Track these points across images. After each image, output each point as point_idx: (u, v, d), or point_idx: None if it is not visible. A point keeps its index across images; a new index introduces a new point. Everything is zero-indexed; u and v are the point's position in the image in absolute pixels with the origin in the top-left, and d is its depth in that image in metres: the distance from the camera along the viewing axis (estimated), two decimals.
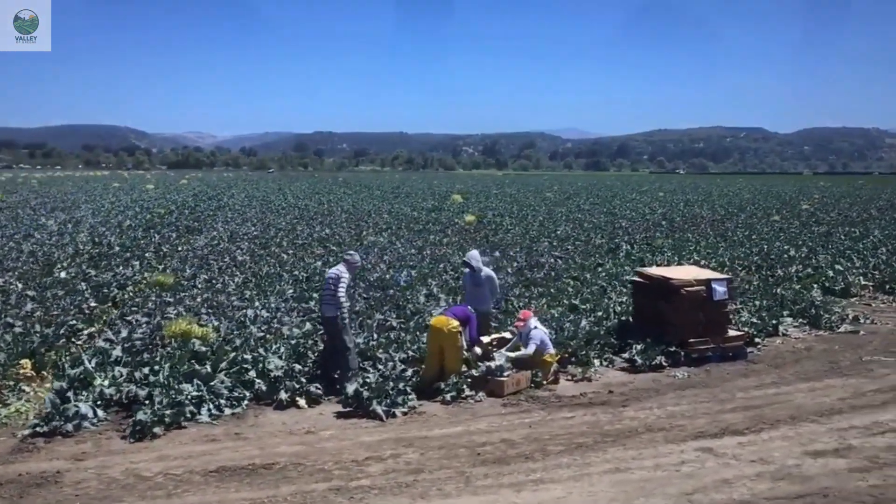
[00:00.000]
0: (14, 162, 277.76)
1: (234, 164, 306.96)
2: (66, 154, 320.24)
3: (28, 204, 43.35)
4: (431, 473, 7.05)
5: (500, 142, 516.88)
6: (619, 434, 8.31)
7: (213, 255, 20.48)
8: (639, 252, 22.57)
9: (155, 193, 59.73)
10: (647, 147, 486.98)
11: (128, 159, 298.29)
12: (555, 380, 10.48)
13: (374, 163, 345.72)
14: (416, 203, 48.34)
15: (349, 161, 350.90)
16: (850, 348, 12.51)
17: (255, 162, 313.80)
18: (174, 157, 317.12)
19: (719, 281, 11.84)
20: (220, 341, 10.56)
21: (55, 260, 19.05)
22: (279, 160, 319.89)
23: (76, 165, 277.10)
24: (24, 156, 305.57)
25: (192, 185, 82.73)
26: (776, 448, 7.86)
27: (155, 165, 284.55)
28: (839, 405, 9.44)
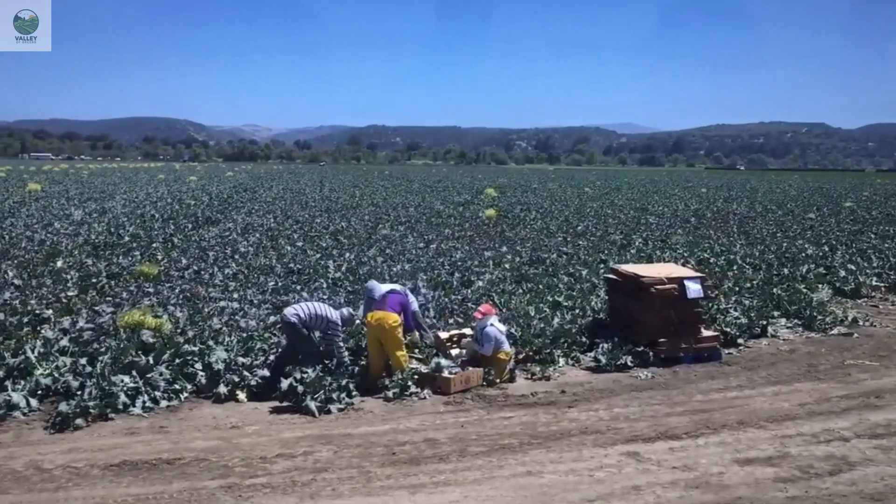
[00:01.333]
0: (75, 153, 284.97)
1: (287, 156, 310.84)
2: (126, 146, 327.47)
3: (66, 194, 44.27)
4: (334, 472, 6.89)
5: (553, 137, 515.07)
6: (549, 436, 8.06)
7: (219, 246, 20.58)
8: (650, 248, 22.10)
9: (195, 185, 60.53)
10: (704, 142, 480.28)
11: (185, 151, 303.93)
12: (510, 378, 10.24)
13: (427, 157, 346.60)
14: (449, 197, 48.16)
15: (401, 155, 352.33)
16: (837, 351, 12.04)
17: (309, 155, 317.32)
18: (230, 150, 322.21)
19: (693, 279, 11.46)
20: (172, 333, 10.53)
21: (61, 249, 19.32)
22: (332, 153, 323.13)
23: (135, 157, 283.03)
24: (85, 147, 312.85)
25: (236, 177, 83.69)
26: (707, 454, 7.54)
27: (211, 157, 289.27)
28: (797, 410, 9.05)
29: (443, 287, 15.21)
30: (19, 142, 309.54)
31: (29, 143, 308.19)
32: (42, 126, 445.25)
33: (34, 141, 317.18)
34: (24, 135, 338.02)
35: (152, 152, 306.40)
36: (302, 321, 9.57)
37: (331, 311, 9.93)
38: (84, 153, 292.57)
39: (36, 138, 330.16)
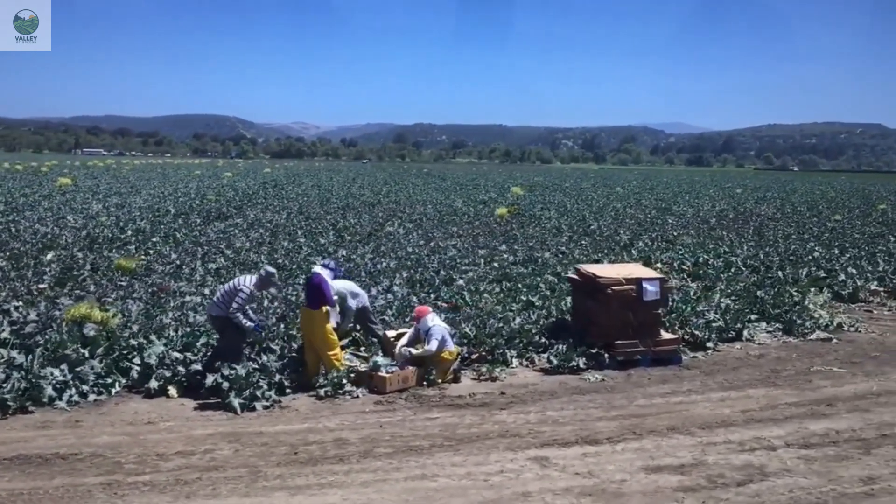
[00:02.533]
0: (127, 149, 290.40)
1: (333, 154, 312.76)
2: (176, 142, 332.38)
3: (94, 189, 45.02)
4: (223, 472, 6.81)
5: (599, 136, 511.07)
6: (464, 439, 7.89)
7: (216, 242, 20.70)
8: (653, 249, 21.73)
9: (228, 181, 61.17)
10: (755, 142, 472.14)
11: (232, 148, 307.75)
12: (454, 378, 10.08)
13: (472, 155, 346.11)
14: (474, 195, 47.96)
15: (446, 153, 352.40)
16: (808, 357, 11.70)
17: (354, 152, 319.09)
18: (277, 147, 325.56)
19: (651, 280, 11.17)
20: (118, 327, 10.55)
21: (61, 242, 19.59)
22: (377, 151, 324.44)
23: (184, 153, 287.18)
24: (137, 143, 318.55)
25: (273, 173, 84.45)
26: (618, 461, 7.31)
27: (258, 154, 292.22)
28: (736, 417, 8.77)
29: (420, 284, 15.08)
30: (73, 137, 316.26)
31: (83, 139, 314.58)
32: (96, 122, 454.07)
33: (88, 137, 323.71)
34: (78, 131, 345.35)
35: (201, 149, 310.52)
36: (221, 309, 9.40)
37: (243, 278, 9.66)
38: (135, 149, 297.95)
39: (90, 134, 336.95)
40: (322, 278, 9.86)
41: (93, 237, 20.75)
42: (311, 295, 9.76)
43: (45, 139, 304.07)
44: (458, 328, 11.47)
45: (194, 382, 9.22)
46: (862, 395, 9.77)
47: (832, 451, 7.71)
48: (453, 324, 11.80)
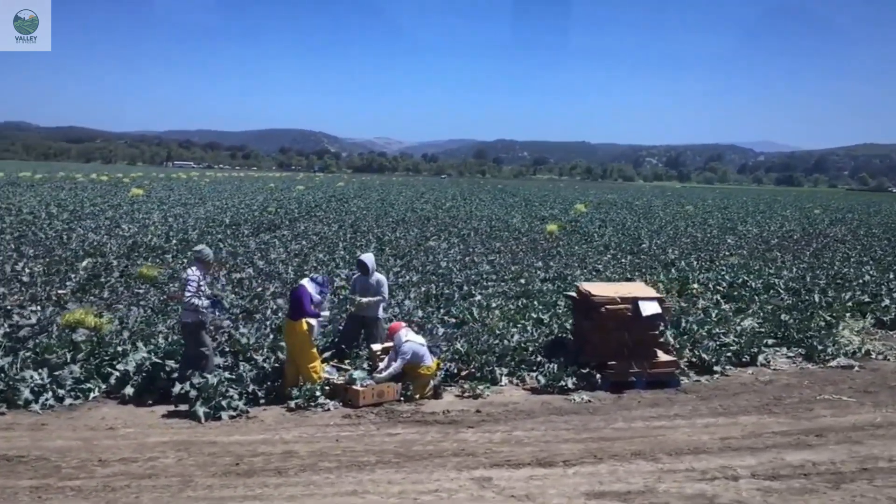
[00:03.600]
0: (215, 162, 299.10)
1: (414, 169, 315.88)
2: (263, 156, 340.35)
3: (164, 200, 46.38)
4: (155, 480, 6.81)
5: (685, 154, 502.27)
6: (415, 456, 7.74)
7: (254, 253, 21.03)
8: (693, 267, 21.16)
9: (297, 193, 62.28)
10: (849, 162, 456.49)
11: (316, 162, 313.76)
12: (434, 394, 9.94)
13: (552, 172, 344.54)
14: (536, 212, 47.65)
15: (526, 169, 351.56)
16: (820, 384, 11.17)
17: (435, 168, 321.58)
18: (359, 162, 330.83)
19: (648, 300, 10.84)
20: (111, 333, 10.76)
21: (105, 250, 20.20)
22: (458, 167, 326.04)
23: (270, 167, 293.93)
24: (225, 157, 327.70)
25: (346, 187, 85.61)
26: (564, 485, 7.07)
27: (341, 169, 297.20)
28: (713, 444, 8.39)
29: (436, 298, 14.99)
30: (166, 151, 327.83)
31: (174, 152, 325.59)
32: (189, 136, 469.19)
33: (179, 150, 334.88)
34: (171, 144, 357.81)
35: (286, 163, 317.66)
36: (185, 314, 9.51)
37: (188, 269, 9.75)
38: (223, 162, 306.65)
39: (181, 148, 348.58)
40: (305, 291, 9.85)
41: (137, 246, 21.31)
42: (293, 306, 9.80)
43: (140, 152, 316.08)
44: (451, 344, 11.34)
45: (169, 390, 9.29)
46: (861, 426, 9.25)
47: (798, 483, 7.30)
48: (450, 339, 11.69)
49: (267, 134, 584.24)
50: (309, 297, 9.82)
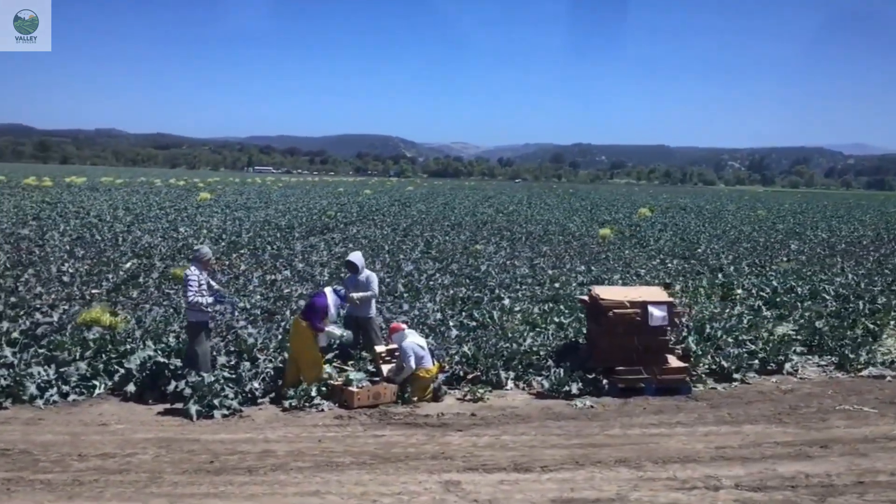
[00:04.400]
0: (294, 167, 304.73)
1: (489, 173, 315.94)
2: (341, 161, 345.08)
3: (230, 203, 47.39)
4: (125, 476, 6.89)
5: (769, 156, 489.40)
6: (392, 458, 7.67)
7: (296, 255, 21.32)
8: (742, 273, 20.58)
9: (363, 197, 62.93)
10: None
11: (392, 167, 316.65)
12: (433, 397, 9.89)
13: (630, 176, 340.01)
14: (598, 215, 47.09)
15: (603, 174, 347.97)
16: (845, 394, 10.73)
17: (510, 172, 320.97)
18: (435, 166, 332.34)
19: (657, 304, 10.56)
20: (126, 332, 11.03)
21: (152, 252, 20.78)
22: (533, 171, 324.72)
23: (347, 171, 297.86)
24: (304, 162, 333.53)
25: (415, 191, 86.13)
26: (533, 490, 6.93)
27: (417, 173, 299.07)
28: (706, 454, 8.11)
29: (462, 301, 14.94)
30: (247, 156, 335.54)
31: (255, 157, 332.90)
32: (270, 142, 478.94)
33: (260, 156, 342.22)
34: (251, 150, 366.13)
35: (363, 167, 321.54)
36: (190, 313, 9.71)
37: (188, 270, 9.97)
38: (302, 167, 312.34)
39: (262, 153, 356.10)
40: (324, 300, 9.98)
41: (185, 247, 21.83)
42: (307, 308, 9.97)
43: (223, 157, 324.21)
44: (459, 347, 11.28)
45: None
46: (873, 438, 8.82)
47: (782, 496, 6.99)
48: (459, 342, 11.64)
49: (345, 139, 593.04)
50: (325, 307, 9.93)
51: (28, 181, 67.44)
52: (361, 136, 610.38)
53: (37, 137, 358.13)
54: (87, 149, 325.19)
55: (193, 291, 9.53)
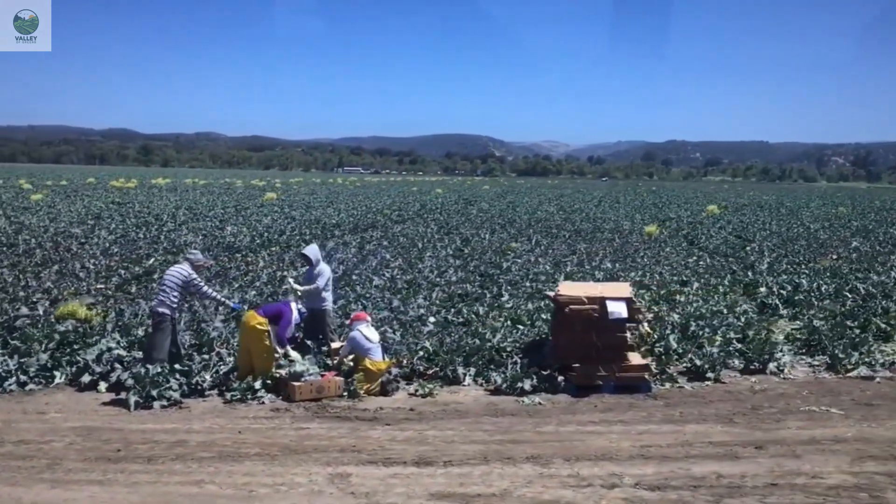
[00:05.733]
0: (383, 167, 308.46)
1: (578, 172, 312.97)
2: (429, 160, 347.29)
3: (291, 203, 48.37)
4: (26, 462, 7.14)
5: (875, 152, 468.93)
6: (300, 450, 7.69)
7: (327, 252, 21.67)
8: (771, 271, 19.90)
9: (433, 196, 63.29)
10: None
11: (480, 166, 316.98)
12: (382, 391, 9.94)
13: (725, 173, 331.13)
14: (663, 214, 46.16)
15: (697, 171, 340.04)
16: (819, 395, 10.30)
17: (600, 170, 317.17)
18: (523, 165, 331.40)
19: (617, 301, 10.33)
20: (100, 325, 11.45)
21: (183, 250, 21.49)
22: (624, 169, 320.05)
23: (435, 171, 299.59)
24: (393, 162, 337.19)
25: (490, 190, 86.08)
26: (418, 485, 6.89)
27: (505, 173, 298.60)
28: (627, 452, 7.87)
29: (459, 297, 14.94)
30: (338, 157, 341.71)
31: (346, 158, 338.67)
32: (361, 143, 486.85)
33: (350, 157, 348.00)
34: (342, 151, 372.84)
35: (451, 167, 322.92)
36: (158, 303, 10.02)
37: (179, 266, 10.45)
38: (391, 167, 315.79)
39: (352, 154, 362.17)
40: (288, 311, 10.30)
41: (219, 245, 22.46)
42: (274, 309, 10.23)
43: (314, 159, 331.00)
44: (421, 343, 11.31)
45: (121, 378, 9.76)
46: (818, 440, 8.42)
47: (676, 495, 6.78)
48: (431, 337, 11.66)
49: (435, 139, 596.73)
50: (289, 320, 10.24)
51: (114, 183, 70.37)
52: (451, 136, 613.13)
53: (141, 141, 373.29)
54: (186, 152, 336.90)
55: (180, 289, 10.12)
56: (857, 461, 7.72)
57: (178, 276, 10.16)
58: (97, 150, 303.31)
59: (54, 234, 24.93)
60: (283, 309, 10.26)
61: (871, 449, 8.10)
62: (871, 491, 6.94)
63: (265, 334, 9.85)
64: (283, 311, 10.20)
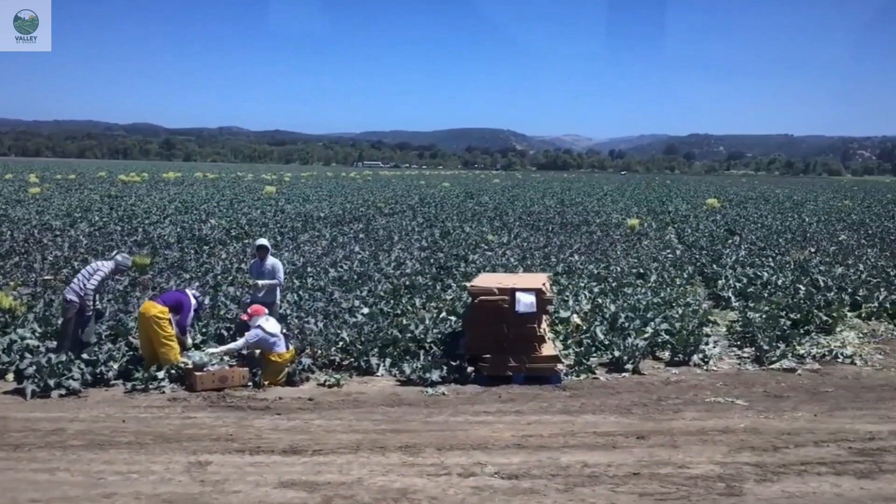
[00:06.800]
0: (403, 162, 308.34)
1: (599, 166, 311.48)
2: (449, 155, 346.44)
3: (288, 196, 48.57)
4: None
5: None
6: (172, 439, 7.74)
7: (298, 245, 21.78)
8: (738, 263, 19.77)
9: (439, 190, 63.35)
10: None
11: (500, 160, 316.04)
12: (288, 381, 9.99)
13: (749, 166, 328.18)
14: (659, 207, 45.96)
15: (719, 165, 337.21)
16: (732, 386, 10.31)
17: (621, 164, 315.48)
18: (543, 159, 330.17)
19: (526, 292, 10.31)
20: (22, 315, 11.61)
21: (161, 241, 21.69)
22: (645, 163, 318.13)
23: (455, 165, 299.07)
24: (413, 157, 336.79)
25: (501, 183, 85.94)
26: (271, 473, 6.89)
27: (525, 166, 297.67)
28: (502, 442, 7.86)
29: (407, 289, 14.97)
30: (358, 151, 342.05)
31: (366, 152, 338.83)
32: (382, 137, 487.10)
33: (370, 151, 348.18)
34: (363, 145, 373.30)
35: (471, 161, 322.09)
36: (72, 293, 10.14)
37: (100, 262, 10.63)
38: (411, 162, 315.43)
39: (373, 148, 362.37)
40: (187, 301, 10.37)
41: (189, 237, 22.65)
42: (173, 298, 10.29)
43: (334, 153, 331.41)
44: (338, 334, 11.36)
45: None
46: (707, 430, 8.39)
47: (530, 483, 6.77)
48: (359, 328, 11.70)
49: (456, 133, 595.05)
50: (189, 307, 10.37)
51: (122, 177, 70.98)
52: (472, 130, 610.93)
53: (164, 136, 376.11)
54: (208, 146, 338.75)
55: (94, 285, 10.19)
56: (734, 452, 7.69)
57: (96, 271, 10.27)
58: (120, 145, 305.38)
59: (34, 226, 25.22)
60: (182, 298, 10.32)
61: (755, 440, 8.06)
62: (731, 481, 6.91)
63: (166, 322, 9.92)
64: (182, 301, 10.26)
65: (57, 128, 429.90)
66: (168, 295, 10.49)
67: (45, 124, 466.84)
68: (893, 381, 10.65)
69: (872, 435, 8.25)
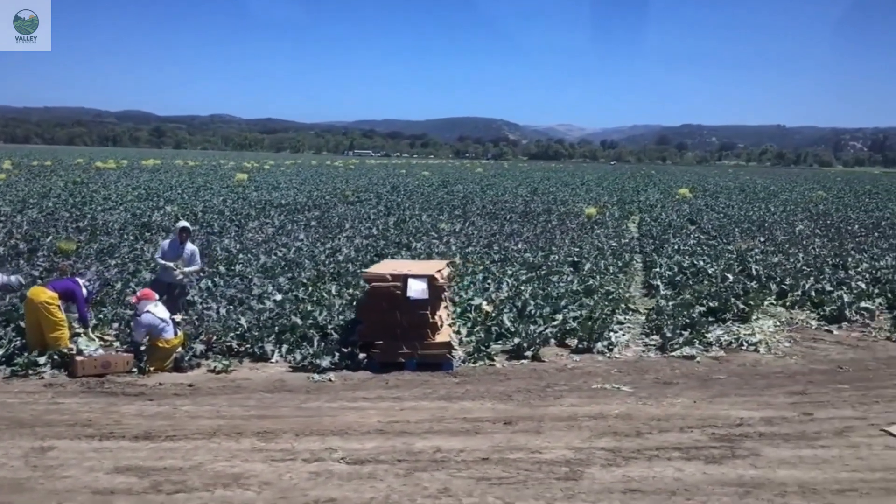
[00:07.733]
0: (394, 151, 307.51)
1: (591, 156, 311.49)
2: (440, 144, 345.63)
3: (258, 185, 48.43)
4: None
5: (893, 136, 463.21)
6: (28, 424, 7.66)
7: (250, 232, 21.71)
8: (679, 252, 19.77)
9: (418, 179, 63.26)
10: None
11: (491, 150, 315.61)
12: (175, 367, 9.93)
13: (740, 157, 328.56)
14: (630, 197, 45.98)
15: (711, 156, 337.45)
16: (625, 373, 10.30)
17: (613, 154, 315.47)
18: (535, 149, 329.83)
19: (418, 278, 10.27)
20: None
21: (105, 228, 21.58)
22: (637, 153, 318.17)
23: (447, 154, 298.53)
24: (404, 146, 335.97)
25: (484, 173, 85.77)
26: (111, 458, 6.83)
27: (517, 156, 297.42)
28: (360, 429, 7.76)
29: (331, 276, 14.91)
30: (349, 140, 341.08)
31: (357, 141, 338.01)
32: (374, 126, 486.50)
33: (362, 140, 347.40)
34: (354, 134, 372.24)
35: (462, 150, 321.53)
36: None
37: None
38: (403, 151, 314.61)
39: (364, 137, 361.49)
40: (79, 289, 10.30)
41: (133, 224, 22.57)
42: (62, 286, 10.23)
43: (325, 141, 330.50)
44: (237, 320, 11.30)
45: None
46: (577, 417, 8.34)
47: (371, 468, 6.74)
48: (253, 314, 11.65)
49: (449, 122, 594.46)
50: (82, 296, 10.31)
51: (98, 164, 70.55)
52: (465, 119, 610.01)
53: (155, 123, 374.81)
54: (199, 134, 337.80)
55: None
56: (595, 437, 7.67)
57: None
58: (110, 132, 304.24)
59: None
60: (74, 287, 10.24)
61: (622, 426, 8.04)
62: (577, 466, 6.89)
63: (56, 308, 9.86)
64: (73, 290, 10.19)
65: (47, 115, 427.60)
66: (58, 282, 10.39)
67: (34, 111, 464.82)
68: (790, 368, 10.66)
69: (742, 421, 8.23)
